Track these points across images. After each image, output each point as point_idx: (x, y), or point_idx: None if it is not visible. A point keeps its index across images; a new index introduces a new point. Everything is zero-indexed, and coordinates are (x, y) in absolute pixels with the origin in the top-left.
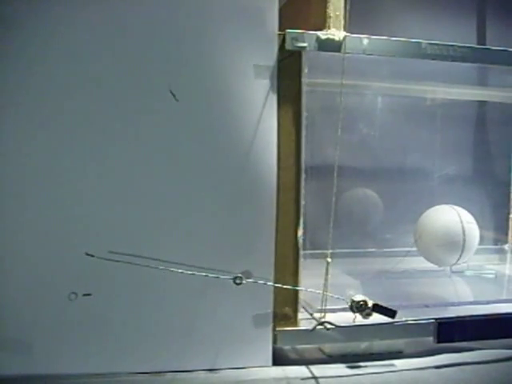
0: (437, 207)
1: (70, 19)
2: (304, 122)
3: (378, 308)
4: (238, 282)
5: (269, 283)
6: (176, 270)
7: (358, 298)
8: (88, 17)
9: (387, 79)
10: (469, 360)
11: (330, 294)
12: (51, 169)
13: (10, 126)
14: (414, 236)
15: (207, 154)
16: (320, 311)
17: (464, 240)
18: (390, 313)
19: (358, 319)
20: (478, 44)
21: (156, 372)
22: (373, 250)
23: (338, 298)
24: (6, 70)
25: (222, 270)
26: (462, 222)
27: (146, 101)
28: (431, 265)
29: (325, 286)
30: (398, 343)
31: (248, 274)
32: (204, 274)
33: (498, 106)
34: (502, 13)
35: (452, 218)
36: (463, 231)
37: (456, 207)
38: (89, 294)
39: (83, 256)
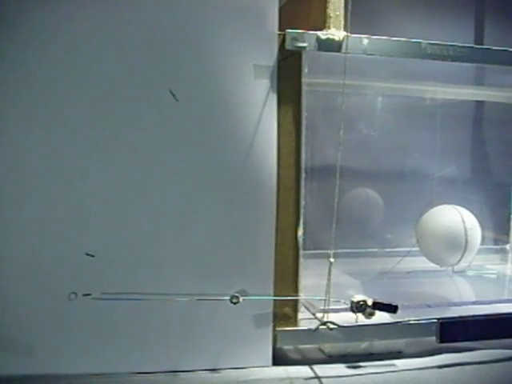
0: (439, 207)
1: (70, 19)
2: (304, 121)
3: (378, 305)
4: (234, 301)
5: (267, 297)
6: (173, 298)
7: (357, 298)
8: (88, 17)
9: (387, 79)
10: (469, 360)
11: (332, 299)
12: (51, 169)
13: (11, 125)
14: (415, 236)
15: (207, 154)
16: (322, 311)
17: (466, 241)
18: (391, 308)
19: (361, 319)
20: (476, 44)
21: (156, 372)
22: (374, 249)
23: (337, 302)
24: (6, 70)
25: (220, 271)
26: (464, 222)
27: (145, 101)
28: (433, 265)
29: (328, 286)
30: (398, 343)
31: (244, 293)
32: (200, 297)
33: (498, 106)
34: (499, 13)
35: (454, 218)
36: (465, 231)
37: (458, 207)
38: (89, 294)
39: (83, 256)
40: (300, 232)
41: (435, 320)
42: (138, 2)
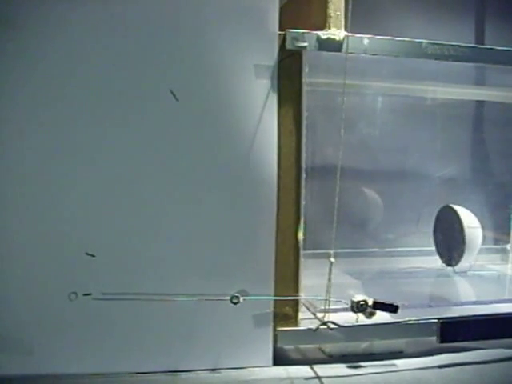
0: None
1: (69, 19)
2: (304, 121)
3: (379, 305)
4: (234, 301)
5: (267, 297)
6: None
7: (358, 298)
8: (88, 17)
9: (387, 79)
10: (470, 360)
11: (332, 299)
12: (51, 169)
13: (10, 126)
14: None
15: (207, 154)
16: (323, 311)
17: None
18: (392, 308)
19: (361, 319)
20: (476, 43)
21: (156, 372)
22: (374, 249)
23: (338, 301)
24: (5, 70)
25: (220, 271)
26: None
27: (146, 101)
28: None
29: (328, 286)
30: (399, 343)
31: (244, 293)
32: (200, 296)
33: (498, 106)
34: (500, 12)
35: None
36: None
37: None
38: (89, 294)
39: (83, 256)
40: (301, 233)
41: (436, 320)
42: (138, 1)
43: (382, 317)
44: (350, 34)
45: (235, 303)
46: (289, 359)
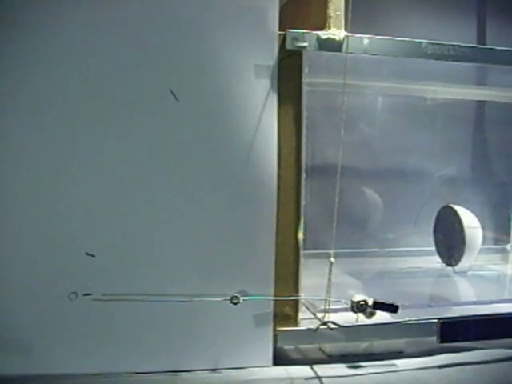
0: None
1: (70, 19)
2: (304, 121)
3: (378, 305)
4: (234, 301)
5: (267, 297)
6: (172, 297)
7: (358, 298)
8: (88, 17)
9: (387, 79)
10: (470, 360)
11: (332, 299)
12: (51, 169)
13: (10, 126)
14: None
15: (207, 154)
16: (323, 311)
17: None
18: (392, 308)
19: (362, 319)
20: (478, 43)
21: (156, 372)
22: (374, 249)
23: (338, 301)
24: (6, 70)
25: (220, 271)
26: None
27: (145, 101)
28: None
29: (328, 286)
30: (399, 343)
31: (244, 293)
32: (199, 297)
33: (499, 106)
34: (502, 12)
35: None
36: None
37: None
38: (89, 294)
39: (83, 256)
40: (301, 233)
41: (436, 320)
42: (139, 1)
43: (382, 317)
44: (350, 34)
45: (235, 303)
46: (289, 359)
